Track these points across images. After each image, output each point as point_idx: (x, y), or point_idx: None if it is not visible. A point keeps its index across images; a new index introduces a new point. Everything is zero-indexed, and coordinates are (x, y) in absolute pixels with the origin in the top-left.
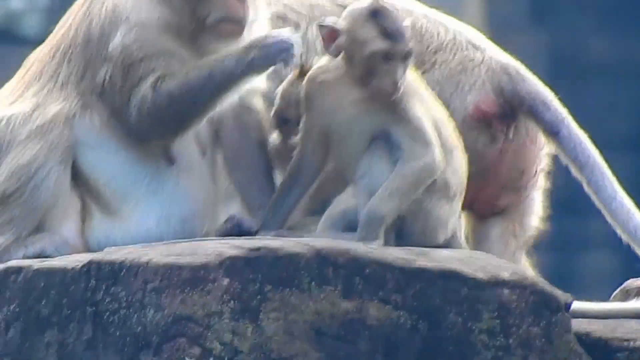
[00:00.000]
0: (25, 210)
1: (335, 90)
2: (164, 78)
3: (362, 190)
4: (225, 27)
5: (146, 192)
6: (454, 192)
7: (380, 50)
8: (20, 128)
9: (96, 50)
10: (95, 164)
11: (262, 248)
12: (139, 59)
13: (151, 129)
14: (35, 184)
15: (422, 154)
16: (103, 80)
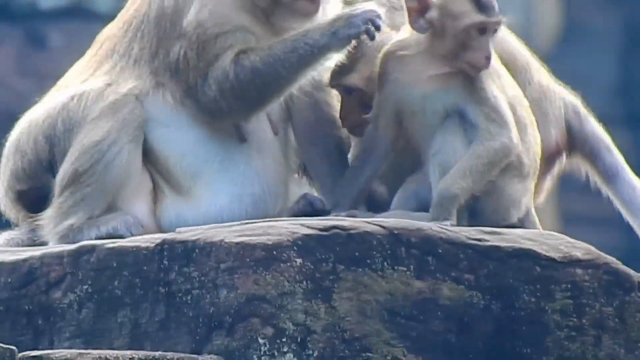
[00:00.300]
0: (97, 189)
1: (413, 66)
2: (245, 53)
3: (434, 168)
4: (301, 4)
5: (218, 171)
6: (527, 171)
7: (476, 23)
8: (92, 106)
9: (169, 26)
10: (166, 142)
11: (334, 227)
12: (215, 34)
13: (231, 105)
14: (106, 162)
15: (498, 134)
16: (177, 57)
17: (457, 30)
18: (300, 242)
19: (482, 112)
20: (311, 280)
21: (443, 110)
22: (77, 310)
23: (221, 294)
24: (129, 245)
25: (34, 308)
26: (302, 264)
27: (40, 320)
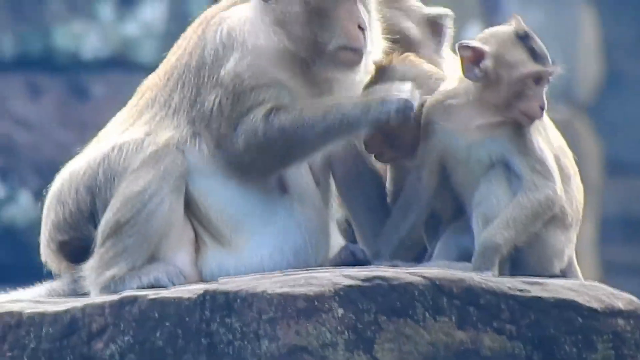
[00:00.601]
0: (139, 239)
1: (461, 115)
2: (277, 110)
3: (477, 218)
4: (345, 55)
5: (259, 222)
6: (570, 221)
7: (533, 73)
8: (132, 156)
9: (208, 75)
10: (206, 192)
11: (376, 278)
12: (251, 87)
13: (255, 160)
14: (148, 212)
15: (543, 186)
16: (212, 105)
17: (512, 79)
18: (342, 293)
19: (528, 163)
20: (353, 331)
21: (488, 160)
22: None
23: (263, 345)
24: (171, 296)
25: (76, 359)
26: (344, 314)
27: None
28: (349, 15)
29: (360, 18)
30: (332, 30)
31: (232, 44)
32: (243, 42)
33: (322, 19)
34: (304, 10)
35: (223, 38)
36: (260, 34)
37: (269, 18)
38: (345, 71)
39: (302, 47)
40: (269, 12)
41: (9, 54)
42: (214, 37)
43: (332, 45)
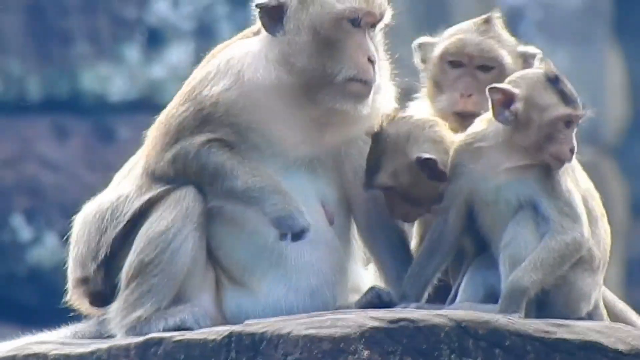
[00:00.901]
0: (164, 278)
1: (489, 157)
2: (216, 146)
3: (505, 260)
4: (354, 86)
5: (270, 264)
6: (598, 264)
7: (564, 116)
8: (138, 198)
9: (191, 90)
10: (217, 234)
11: (402, 320)
12: (219, 115)
13: (176, 174)
14: (172, 250)
15: (571, 228)
16: (179, 116)
17: (543, 122)
18: (368, 334)
19: (556, 206)
20: None
21: (516, 202)
22: None
23: None
24: (197, 337)
25: None
26: (369, 355)
27: None
28: (358, 47)
29: (370, 51)
30: (342, 61)
31: (227, 71)
32: (239, 72)
33: (332, 49)
34: (313, 41)
35: (221, 64)
36: (260, 68)
37: (274, 53)
38: (353, 103)
39: (308, 79)
40: (274, 46)
41: (36, 97)
42: (213, 63)
43: (342, 76)
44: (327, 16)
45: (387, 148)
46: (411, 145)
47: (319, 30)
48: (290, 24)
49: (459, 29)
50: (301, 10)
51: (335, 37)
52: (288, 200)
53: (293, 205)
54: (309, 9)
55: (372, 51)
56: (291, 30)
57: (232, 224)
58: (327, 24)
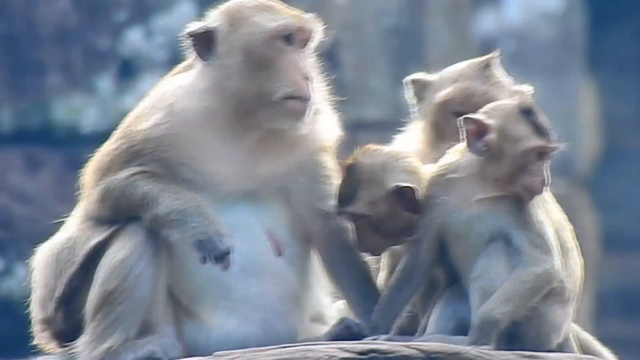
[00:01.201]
0: (129, 305)
1: (462, 188)
2: (140, 177)
3: (476, 291)
4: (292, 104)
5: (217, 296)
6: (569, 296)
7: (536, 147)
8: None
9: (126, 127)
10: (171, 265)
11: (372, 351)
12: (148, 150)
13: (103, 206)
14: (135, 276)
15: (542, 260)
16: (108, 151)
17: (516, 153)
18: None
19: (527, 237)
20: None
21: (488, 234)
22: None
23: None
24: None
25: None
26: None
27: None
28: (293, 65)
29: (305, 68)
30: (277, 80)
31: (160, 105)
32: (170, 105)
33: (266, 69)
34: (246, 61)
35: (155, 100)
36: (191, 98)
37: (206, 81)
38: (293, 121)
39: (243, 101)
40: (207, 74)
41: (7, 128)
42: (147, 100)
43: (279, 94)
44: (260, 35)
45: (363, 178)
46: (388, 175)
47: (252, 50)
48: (223, 47)
49: (460, 73)
50: (232, 32)
51: (269, 56)
52: (209, 223)
53: (214, 229)
54: (241, 30)
55: (307, 69)
56: (223, 54)
57: (180, 255)
58: (259, 43)
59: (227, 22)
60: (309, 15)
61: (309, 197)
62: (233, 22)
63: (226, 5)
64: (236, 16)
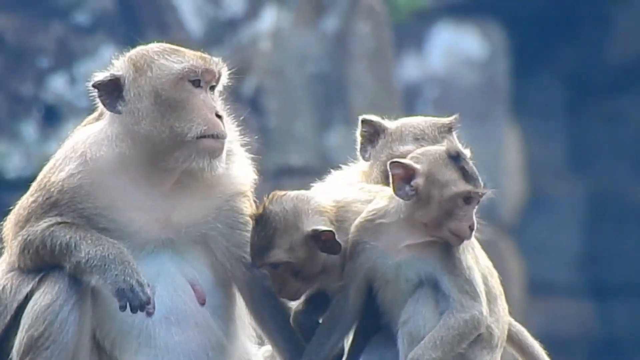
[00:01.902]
0: (55, 350)
1: (390, 234)
2: (57, 227)
3: (404, 337)
4: (207, 142)
5: (139, 343)
6: (497, 342)
7: (464, 192)
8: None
9: (40, 180)
10: (94, 312)
11: None
12: (65, 201)
13: (24, 257)
14: (61, 320)
15: (470, 306)
16: (27, 205)
17: (443, 198)
18: None
19: (456, 284)
20: None
21: (417, 279)
22: None
23: None
24: None
25: None
26: None
27: None
28: (204, 104)
29: (217, 107)
30: (190, 120)
31: (72, 156)
32: (82, 155)
33: (177, 110)
34: (156, 104)
35: (67, 151)
36: (102, 147)
37: (116, 128)
38: (209, 159)
39: (156, 144)
40: (117, 122)
41: None
42: (60, 151)
43: (192, 133)
44: (167, 77)
45: (278, 226)
46: (302, 220)
47: (160, 92)
48: (130, 93)
49: (423, 132)
50: (139, 77)
51: (179, 97)
52: (129, 272)
53: (135, 278)
54: (147, 74)
55: (218, 107)
56: (132, 100)
57: (103, 300)
58: (167, 85)
59: (133, 68)
60: (215, 58)
61: (228, 244)
62: (138, 68)
63: (130, 53)
64: (141, 61)
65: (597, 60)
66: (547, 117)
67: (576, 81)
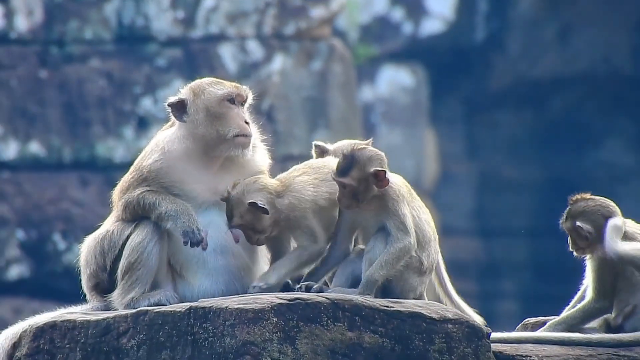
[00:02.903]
0: (144, 271)
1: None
2: (148, 193)
3: (365, 261)
4: (240, 139)
5: (197, 266)
6: (425, 269)
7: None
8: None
9: (136, 164)
10: (169, 245)
11: (297, 299)
12: (151, 177)
13: (126, 212)
14: (148, 252)
15: (403, 238)
16: (127, 179)
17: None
18: (276, 308)
19: (394, 224)
20: (282, 331)
21: (377, 225)
22: (136, 350)
23: (226, 340)
24: (169, 309)
25: (110, 349)
26: (277, 321)
27: (113, 357)
28: (237, 115)
29: (245, 116)
30: (228, 125)
31: (155, 149)
32: (162, 148)
33: (220, 119)
34: (207, 115)
35: (152, 145)
36: (174, 144)
37: (183, 132)
38: (241, 149)
39: (208, 141)
40: (183, 128)
41: (67, 159)
42: (148, 145)
43: (230, 134)
44: (214, 99)
45: (233, 202)
46: (245, 196)
47: (210, 109)
48: (191, 109)
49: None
50: (197, 99)
51: (221, 111)
52: (192, 221)
53: (195, 225)
54: (201, 97)
55: (246, 117)
56: (192, 113)
57: (175, 239)
58: (214, 104)
59: (192, 93)
60: (244, 86)
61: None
62: (196, 93)
63: (190, 84)
64: (197, 89)
65: (484, 85)
66: (451, 125)
67: (470, 100)
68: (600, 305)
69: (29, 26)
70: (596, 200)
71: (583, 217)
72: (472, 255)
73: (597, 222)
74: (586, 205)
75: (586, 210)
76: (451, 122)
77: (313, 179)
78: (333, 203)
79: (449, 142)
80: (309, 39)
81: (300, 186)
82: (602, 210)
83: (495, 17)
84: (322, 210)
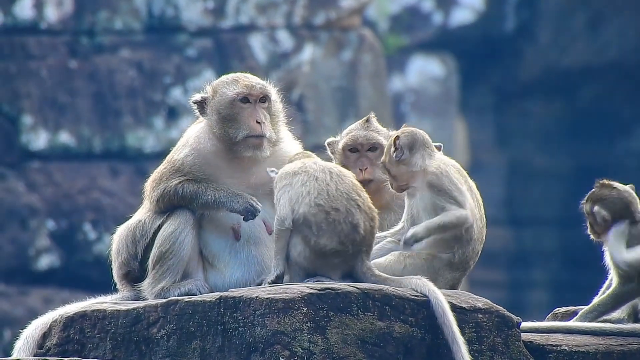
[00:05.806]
0: (176, 261)
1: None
2: (186, 182)
3: (413, 224)
4: (251, 140)
5: (229, 256)
6: (459, 265)
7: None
8: (154, 220)
9: (169, 156)
10: (201, 236)
11: (327, 288)
12: (184, 169)
13: (159, 203)
14: (180, 242)
15: (458, 210)
16: (161, 170)
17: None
18: (306, 297)
19: (444, 199)
20: (312, 321)
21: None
22: (166, 340)
23: (256, 330)
24: (199, 299)
25: (140, 339)
26: (307, 311)
27: (143, 347)
28: (249, 115)
29: (258, 116)
30: (238, 127)
31: (186, 144)
32: (192, 144)
33: (231, 121)
34: (219, 118)
35: (183, 140)
36: (201, 140)
37: (207, 129)
38: (253, 150)
39: (225, 141)
40: (207, 125)
41: (98, 150)
42: (181, 139)
43: (240, 136)
44: (224, 101)
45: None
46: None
47: (220, 111)
48: (208, 110)
49: (350, 128)
50: (212, 100)
51: (231, 113)
52: (245, 197)
53: (247, 199)
54: (215, 98)
55: (260, 116)
56: (209, 114)
57: (208, 230)
58: (224, 106)
59: (211, 92)
60: (259, 83)
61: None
62: (213, 93)
63: (214, 81)
64: (215, 88)
65: (514, 74)
66: (481, 114)
67: (500, 90)
68: (628, 287)
69: (59, 16)
70: (620, 192)
71: (602, 204)
72: (502, 244)
73: (615, 212)
74: (609, 194)
75: (607, 198)
76: (481, 112)
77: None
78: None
79: (479, 131)
80: (339, 29)
81: None
82: (620, 204)
83: (525, 7)
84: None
